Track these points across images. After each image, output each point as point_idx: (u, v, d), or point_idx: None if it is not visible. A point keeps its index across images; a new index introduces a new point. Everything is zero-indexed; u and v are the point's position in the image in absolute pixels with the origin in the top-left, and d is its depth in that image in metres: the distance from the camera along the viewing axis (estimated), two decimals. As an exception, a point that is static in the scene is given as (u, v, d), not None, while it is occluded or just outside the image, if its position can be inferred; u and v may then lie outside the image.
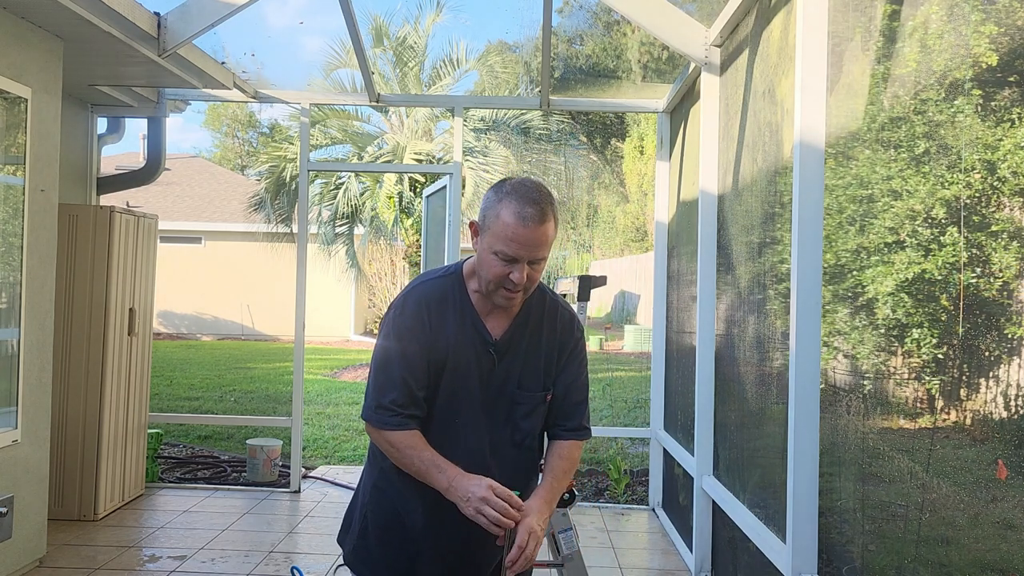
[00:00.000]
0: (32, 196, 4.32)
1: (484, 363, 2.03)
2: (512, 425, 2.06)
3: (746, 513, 3.62)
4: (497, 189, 1.96)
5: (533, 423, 2.09)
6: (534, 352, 2.07)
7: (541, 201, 1.92)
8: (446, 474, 1.92)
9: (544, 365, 2.08)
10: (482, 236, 1.96)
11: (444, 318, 2.01)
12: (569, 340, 2.12)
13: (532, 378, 2.07)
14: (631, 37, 10.35)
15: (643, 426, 7.61)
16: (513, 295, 1.96)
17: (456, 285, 2.06)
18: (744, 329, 3.95)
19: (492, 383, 2.04)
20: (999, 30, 2.18)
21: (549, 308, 2.12)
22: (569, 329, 2.13)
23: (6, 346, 4.24)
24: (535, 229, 1.89)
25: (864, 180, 2.84)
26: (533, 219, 1.89)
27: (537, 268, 1.95)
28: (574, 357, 2.13)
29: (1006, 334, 2.18)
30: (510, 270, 1.91)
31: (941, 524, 2.33)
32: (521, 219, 1.88)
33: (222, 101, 6.71)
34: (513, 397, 2.05)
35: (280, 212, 16.21)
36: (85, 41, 4.55)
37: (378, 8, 29.47)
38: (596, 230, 26.21)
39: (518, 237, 1.89)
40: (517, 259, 1.90)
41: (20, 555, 4.28)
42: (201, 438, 8.29)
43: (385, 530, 2.11)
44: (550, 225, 1.93)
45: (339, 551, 2.27)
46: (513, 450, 2.07)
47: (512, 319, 2.06)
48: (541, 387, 2.08)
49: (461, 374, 2.02)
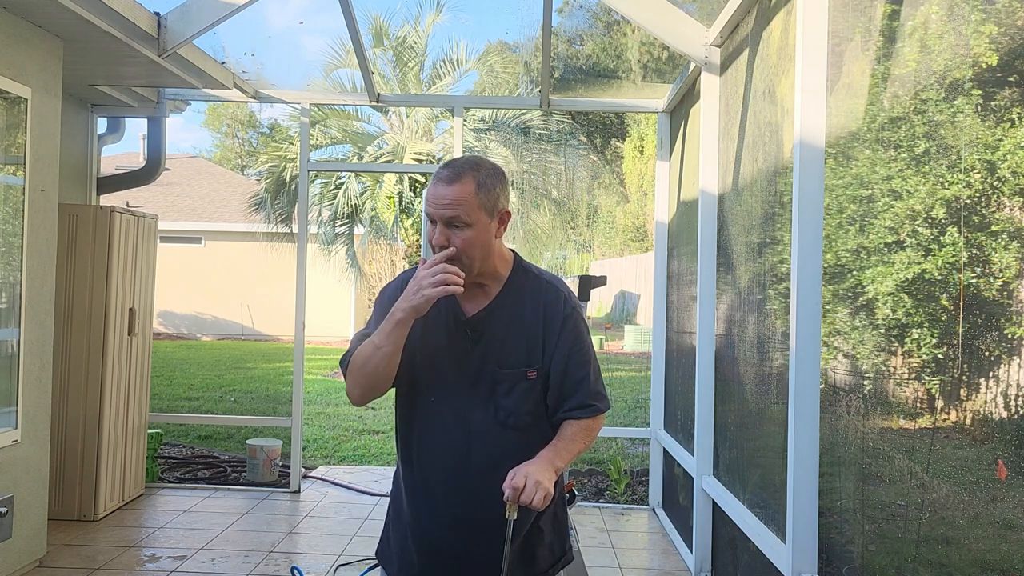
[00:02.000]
0: (32, 196, 4.33)
1: (459, 342, 2.06)
2: (495, 404, 2.06)
3: (746, 513, 3.62)
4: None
5: (515, 401, 2.06)
6: (516, 330, 2.07)
7: (461, 166, 2.00)
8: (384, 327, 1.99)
9: (527, 343, 2.07)
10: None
11: None
12: (555, 315, 2.08)
13: (513, 356, 2.06)
14: (631, 37, 10.35)
15: (643, 426, 7.61)
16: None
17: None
18: (744, 329, 3.95)
19: (471, 362, 2.06)
20: (999, 30, 2.18)
21: (533, 286, 2.11)
22: (555, 304, 2.09)
23: (6, 346, 4.24)
24: (443, 187, 1.97)
25: (864, 180, 2.84)
26: (444, 179, 1.98)
27: (460, 235, 1.96)
28: (566, 331, 2.07)
29: (1006, 334, 2.18)
30: (432, 233, 2.00)
31: (941, 524, 2.33)
32: (435, 179, 2.00)
33: (222, 101, 6.71)
34: (494, 375, 2.05)
35: (280, 212, 16.20)
36: (85, 41, 4.55)
37: (378, 8, 29.43)
38: (596, 230, 26.22)
39: (430, 196, 1.99)
40: (432, 219, 1.99)
41: (20, 555, 4.28)
42: (201, 438, 8.29)
43: (394, 522, 2.21)
44: (462, 186, 1.96)
45: (338, 551, 2.30)
46: (497, 428, 2.06)
47: (491, 299, 2.09)
48: (524, 364, 2.05)
49: (432, 352, 2.06)
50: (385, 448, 8.10)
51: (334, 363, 15.13)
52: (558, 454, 2.01)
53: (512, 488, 1.89)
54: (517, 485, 1.88)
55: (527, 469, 1.92)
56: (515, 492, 1.88)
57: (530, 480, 1.89)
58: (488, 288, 2.08)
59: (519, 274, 2.11)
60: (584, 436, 2.08)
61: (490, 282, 2.08)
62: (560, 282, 2.16)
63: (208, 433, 8.46)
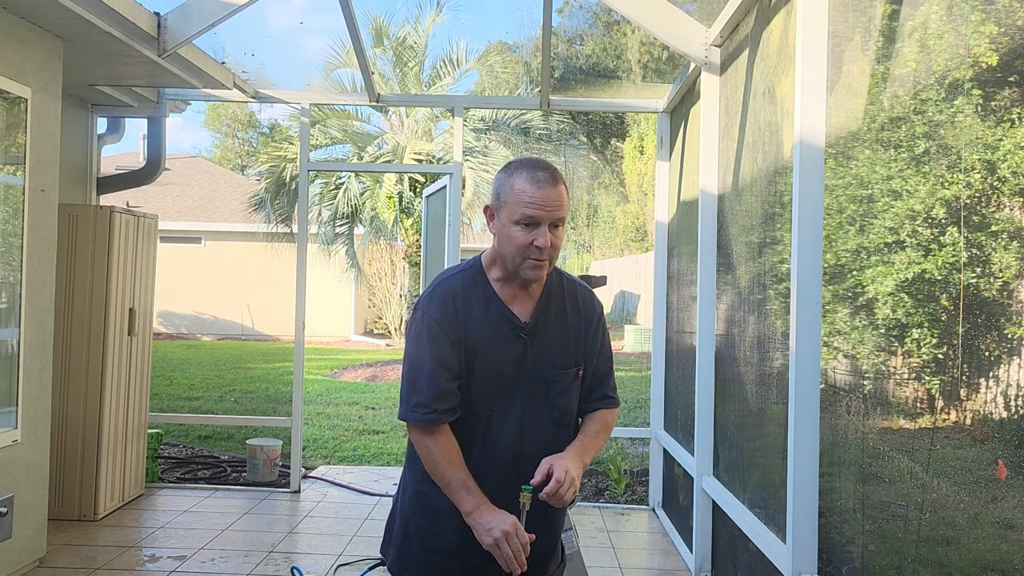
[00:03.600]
0: (32, 196, 4.33)
1: (516, 347, 2.07)
2: (549, 404, 2.09)
3: (746, 513, 3.62)
4: (506, 168, 2.07)
5: (568, 400, 2.12)
6: (562, 331, 2.12)
7: (550, 167, 2.03)
8: (474, 499, 1.98)
9: (573, 342, 2.13)
10: (499, 215, 2.03)
11: (470, 308, 2.06)
12: (593, 315, 2.18)
13: (563, 356, 2.11)
14: (631, 37, 10.34)
15: (643, 426, 7.61)
16: (540, 263, 2.01)
17: (477, 276, 2.11)
18: (744, 329, 3.95)
19: (526, 366, 2.07)
20: (999, 30, 2.18)
21: (568, 287, 2.18)
22: (591, 304, 2.20)
23: (6, 346, 4.24)
24: (550, 189, 1.98)
25: (864, 180, 2.84)
26: (546, 180, 1.98)
27: (557, 233, 2.01)
28: (600, 328, 2.19)
29: (1006, 334, 2.18)
30: (533, 237, 1.98)
31: (941, 524, 2.33)
32: (535, 182, 1.97)
33: (222, 101, 6.71)
34: (548, 377, 2.09)
35: (280, 212, 16.21)
36: (85, 41, 4.55)
37: (378, 8, 29.45)
38: (596, 230, 26.21)
39: (536, 199, 1.97)
40: (538, 221, 1.97)
41: (20, 555, 4.28)
42: (201, 438, 8.29)
43: (429, 533, 2.11)
44: (563, 187, 2.02)
45: (338, 551, 2.27)
46: (552, 427, 2.10)
47: (536, 302, 2.11)
48: (573, 363, 2.12)
49: (493, 360, 2.05)
50: (385, 448, 8.10)
51: (334, 363, 15.14)
52: (586, 450, 2.06)
53: (556, 482, 1.91)
54: (560, 479, 1.91)
55: (567, 464, 1.95)
56: (557, 485, 1.91)
57: (568, 476, 1.93)
58: (533, 290, 2.11)
59: (555, 276, 2.17)
60: (605, 433, 2.15)
61: (536, 284, 2.11)
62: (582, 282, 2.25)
63: (208, 433, 8.46)
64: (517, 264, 2.01)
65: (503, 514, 1.94)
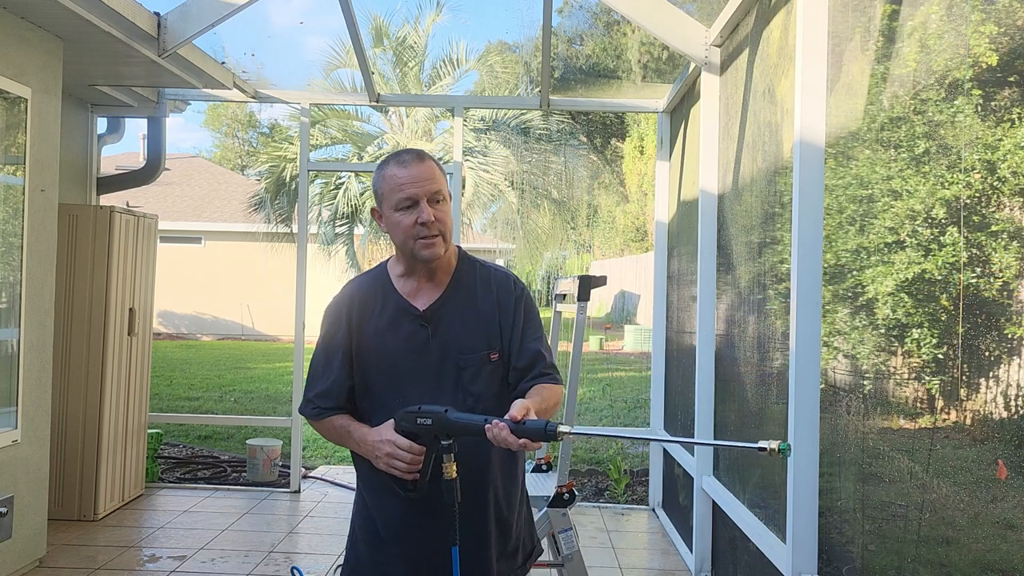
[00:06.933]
0: (32, 196, 4.33)
1: (417, 336, 2.09)
2: (463, 390, 2.08)
3: (746, 513, 3.62)
4: (378, 168, 2.13)
5: (483, 386, 2.08)
6: (472, 315, 2.12)
7: (415, 150, 2.10)
8: (355, 435, 2.06)
9: (485, 326, 2.11)
10: (383, 210, 2.10)
11: (370, 307, 2.14)
12: (509, 297, 2.15)
13: (472, 340, 2.10)
14: (631, 37, 10.34)
15: (643, 426, 7.62)
16: (432, 239, 2.04)
17: (380, 276, 2.18)
18: (744, 329, 3.95)
19: (430, 353, 2.08)
20: (999, 30, 2.18)
21: (481, 272, 2.19)
22: (507, 287, 2.17)
23: (6, 346, 4.24)
24: (418, 166, 2.05)
25: (864, 180, 2.84)
26: (412, 159, 2.06)
27: (441, 208, 2.05)
28: (519, 310, 2.15)
29: (1006, 334, 2.18)
30: (416, 215, 2.02)
31: (941, 524, 2.33)
32: (402, 164, 2.05)
33: (222, 101, 6.71)
34: (457, 362, 2.08)
35: (280, 212, 16.20)
36: (85, 41, 4.55)
37: (378, 8, 29.47)
38: (596, 230, 26.24)
39: (405, 178, 2.03)
40: (416, 199, 2.02)
41: (20, 555, 4.28)
42: (201, 438, 8.29)
43: (371, 534, 2.14)
44: (431, 163, 2.07)
45: (338, 551, 2.28)
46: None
47: (443, 289, 2.13)
48: (485, 347, 2.10)
49: (391, 351, 2.09)
50: (385, 448, 8.09)
51: (334, 363, 15.11)
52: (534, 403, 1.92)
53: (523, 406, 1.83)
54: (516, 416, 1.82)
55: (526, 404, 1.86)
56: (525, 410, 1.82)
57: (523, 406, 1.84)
58: (439, 279, 2.14)
59: (466, 263, 2.18)
60: (553, 397, 2.05)
61: (442, 273, 2.14)
62: (501, 267, 2.25)
63: (208, 433, 8.46)
64: (411, 248, 2.05)
65: (377, 431, 2.01)
